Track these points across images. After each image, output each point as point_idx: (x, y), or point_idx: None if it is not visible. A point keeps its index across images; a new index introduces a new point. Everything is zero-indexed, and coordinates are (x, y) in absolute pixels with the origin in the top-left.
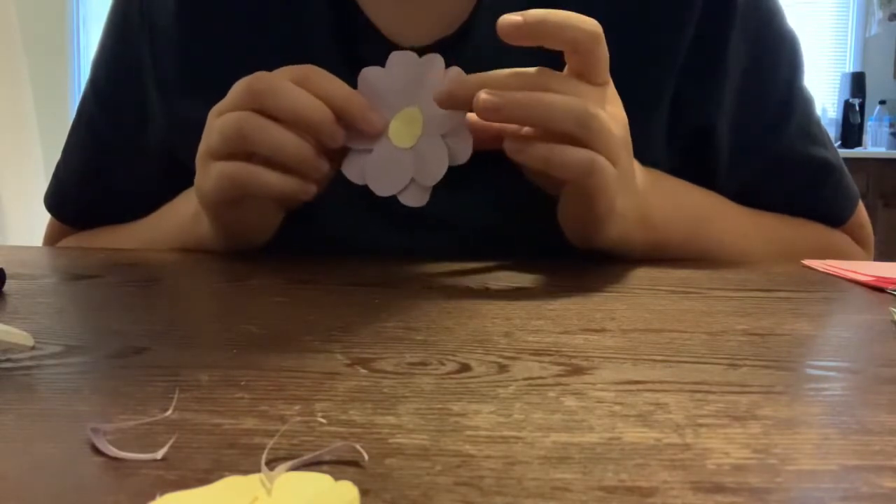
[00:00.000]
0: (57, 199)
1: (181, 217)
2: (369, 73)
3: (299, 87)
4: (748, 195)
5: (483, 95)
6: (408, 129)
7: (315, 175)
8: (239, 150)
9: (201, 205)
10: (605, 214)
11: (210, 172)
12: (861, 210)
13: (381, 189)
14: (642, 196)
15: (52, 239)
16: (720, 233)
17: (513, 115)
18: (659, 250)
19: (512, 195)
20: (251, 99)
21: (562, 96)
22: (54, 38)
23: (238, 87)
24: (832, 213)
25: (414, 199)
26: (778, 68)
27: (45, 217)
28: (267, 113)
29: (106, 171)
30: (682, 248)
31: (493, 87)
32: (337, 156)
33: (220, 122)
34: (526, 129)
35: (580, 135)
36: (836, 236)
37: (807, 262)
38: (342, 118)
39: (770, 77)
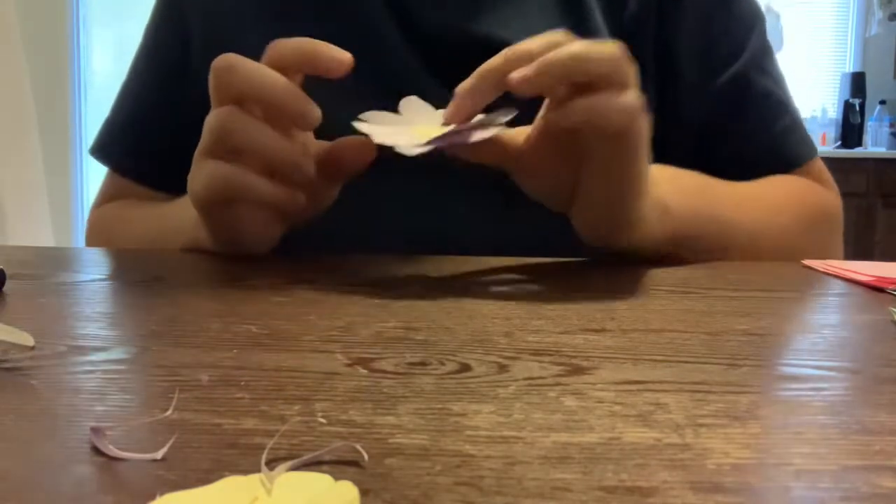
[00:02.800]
0: (103, 141)
1: (183, 221)
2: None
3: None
4: (709, 138)
5: (515, 74)
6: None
7: (300, 177)
8: (227, 147)
9: (193, 203)
10: (639, 179)
11: (202, 170)
12: (821, 164)
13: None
14: (655, 185)
15: (95, 211)
16: (720, 206)
17: (548, 75)
18: (676, 240)
19: (518, 202)
20: (218, 85)
21: (592, 47)
22: (54, 38)
23: (212, 74)
24: (790, 154)
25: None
26: (741, 7)
27: (44, 217)
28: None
29: (151, 111)
30: (693, 228)
31: (523, 57)
32: (336, 176)
33: (210, 118)
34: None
35: (617, 78)
36: (802, 181)
37: (806, 262)
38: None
39: (734, 12)
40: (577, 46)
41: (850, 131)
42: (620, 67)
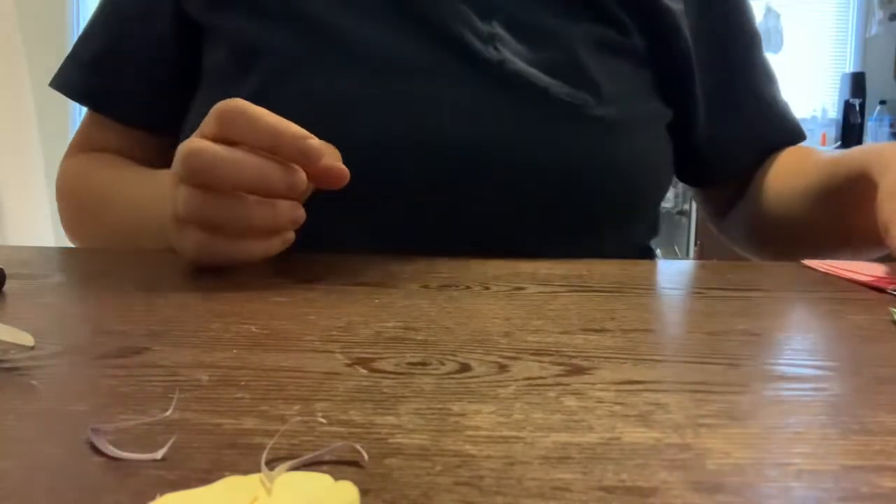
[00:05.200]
0: (65, 71)
1: (161, 222)
2: None
3: (229, 143)
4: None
5: None
6: None
7: (293, 227)
8: (205, 221)
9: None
10: None
11: (186, 237)
12: None
13: None
14: None
15: (65, 162)
16: None
17: None
18: None
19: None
20: (194, 176)
21: None
22: (54, 38)
23: (179, 158)
24: (798, 128)
25: None
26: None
27: (44, 217)
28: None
29: (118, 33)
30: None
31: None
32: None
33: (182, 194)
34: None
35: None
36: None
37: (807, 262)
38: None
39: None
40: None
41: (850, 131)
42: None
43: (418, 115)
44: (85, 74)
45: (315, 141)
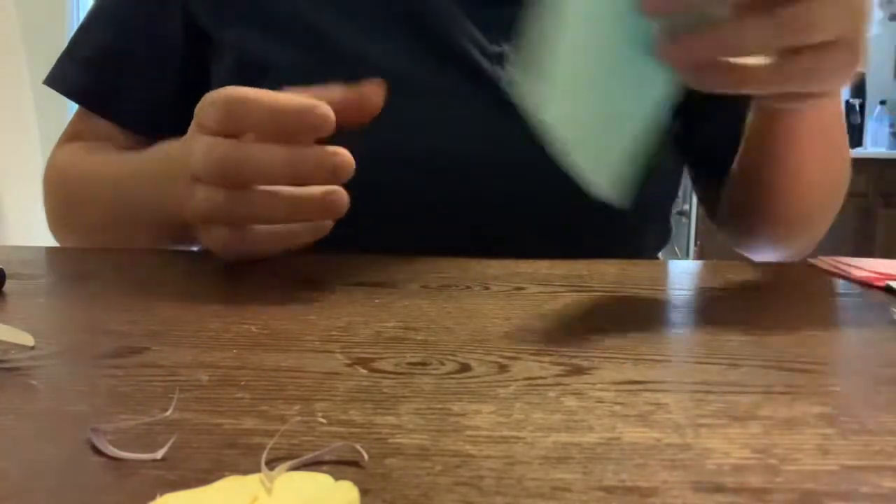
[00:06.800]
0: (61, 68)
1: (162, 206)
2: None
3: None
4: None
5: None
6: None
7: (336, 215)
8: (237, 221)
9: (189, 221)
10: None
11: (215, 237)
12: None
13: None
14: None
15: (55, 152)
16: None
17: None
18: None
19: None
20: (224, 178)
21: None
22: (54, 38)
23: (203, 160)
24: None
25: None
26: None
27: (44, 218)
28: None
29: (121, 29)
30: None
31: None
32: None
33: (206, 194)
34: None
35: (850, 35)
36: None
37: (812, 260)
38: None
39: None
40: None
41: (850, 131)
42: (856, 27)
43: (426, 133)
44: (83, 72)
45: (320, 109)
